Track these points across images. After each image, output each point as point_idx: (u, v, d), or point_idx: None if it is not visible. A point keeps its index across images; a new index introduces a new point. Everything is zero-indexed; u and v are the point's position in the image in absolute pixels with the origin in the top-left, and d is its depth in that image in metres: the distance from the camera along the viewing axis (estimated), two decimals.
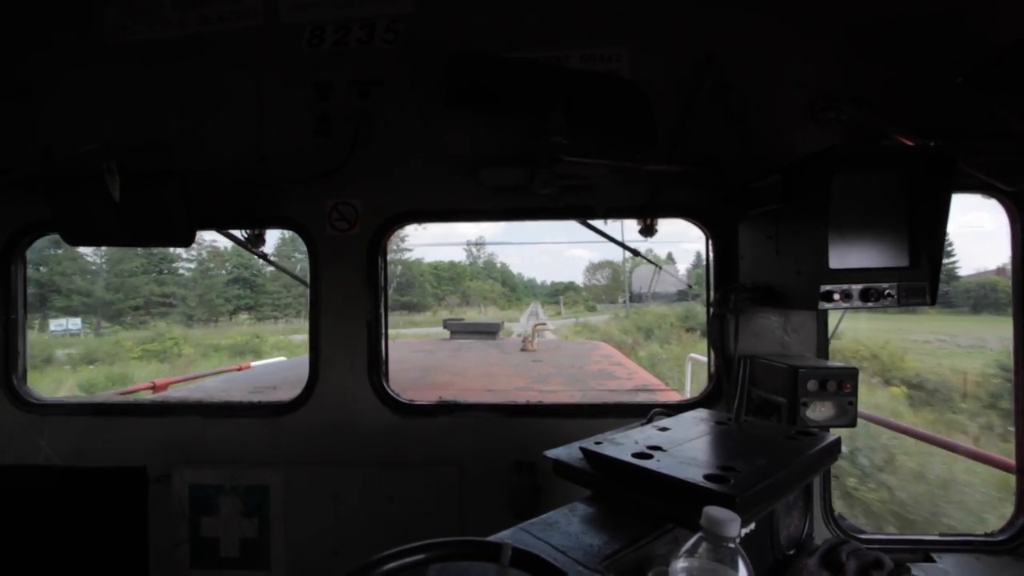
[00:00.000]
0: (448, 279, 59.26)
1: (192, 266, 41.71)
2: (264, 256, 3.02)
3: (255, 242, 2.61)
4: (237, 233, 2.58)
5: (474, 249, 66.64)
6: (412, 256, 54.94)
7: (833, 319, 2.29)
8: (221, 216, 2.40)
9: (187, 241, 2.19)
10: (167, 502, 2.35)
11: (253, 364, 7.33)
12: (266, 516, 2.32)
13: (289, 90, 2.31)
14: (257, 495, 2.33)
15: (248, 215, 2.42)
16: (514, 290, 68.17)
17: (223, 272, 43.12)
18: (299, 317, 38.59)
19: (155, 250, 34.18)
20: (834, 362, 2.03)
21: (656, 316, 32.87)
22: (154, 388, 5.72)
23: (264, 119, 2.33)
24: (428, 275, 56.93)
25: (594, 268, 65.47)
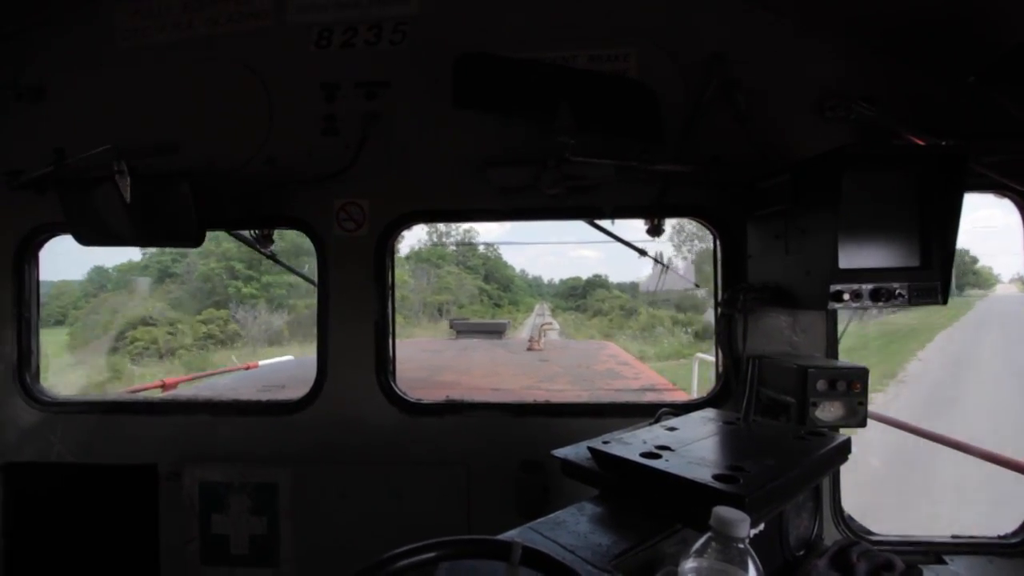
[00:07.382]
0: None
1: None
2: (272, 256, 3.05)
3: (263, 242, 2.65)
4: (245, 233, 2.61)
5: (441, 226, 41.89)
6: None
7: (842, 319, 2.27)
8: (230, 216, 2.42)
9: (197, 241, 2.21)
10: (177, 499, 2.38)
11: (261, 363, 7.39)
12: (275, 514, 2.34)
13: (297, 91, 2.32)
14: (266, 493, 2.34)
15: (256, 215, 2.44)
16: (507, 288, 46.46)
17: None
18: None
19: None
20: (844, 362, 2.01)
21: None
22: (164, 386, 5.78)
23: (272, 120, 2.34)
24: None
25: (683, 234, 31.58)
